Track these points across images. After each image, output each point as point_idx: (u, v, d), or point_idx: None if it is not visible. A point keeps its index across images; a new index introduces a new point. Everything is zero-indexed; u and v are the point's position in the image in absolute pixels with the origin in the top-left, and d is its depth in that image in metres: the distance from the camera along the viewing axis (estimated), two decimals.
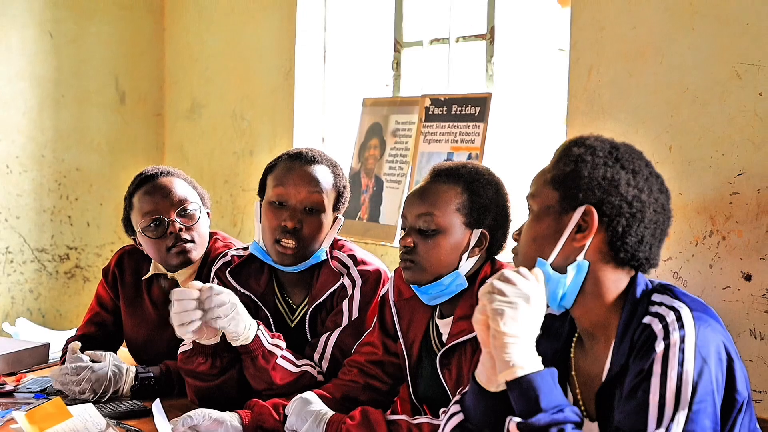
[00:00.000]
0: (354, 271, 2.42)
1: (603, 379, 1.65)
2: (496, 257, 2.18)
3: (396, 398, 2.35)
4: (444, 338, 2.15)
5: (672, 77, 2.55)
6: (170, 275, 2.66)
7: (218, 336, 2.27)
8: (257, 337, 2.28)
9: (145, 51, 4.65)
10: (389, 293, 2.28)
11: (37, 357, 2.79)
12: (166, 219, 2.57)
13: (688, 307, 1.57)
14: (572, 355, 1.75)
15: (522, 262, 1.71)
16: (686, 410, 1.50)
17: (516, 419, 1.56)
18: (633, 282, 1.66)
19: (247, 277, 2.48)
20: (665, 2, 2.57)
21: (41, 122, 4.35)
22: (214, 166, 4.39)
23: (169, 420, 2.11)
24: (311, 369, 2.35)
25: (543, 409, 1.54)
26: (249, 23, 4.19)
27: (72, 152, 4.45)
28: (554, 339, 1.77)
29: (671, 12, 2.55)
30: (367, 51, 3.92)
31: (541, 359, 1.60)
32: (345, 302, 2.39)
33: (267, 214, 2.39)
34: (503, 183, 2.17)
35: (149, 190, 2.60)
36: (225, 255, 2.53)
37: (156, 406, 2.12)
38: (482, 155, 3.10)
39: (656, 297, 1.62)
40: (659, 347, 1.54)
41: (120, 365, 2.47)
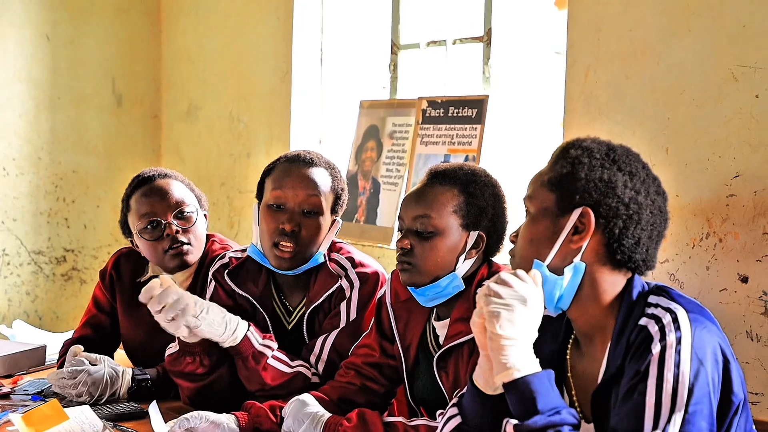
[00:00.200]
0: (352, 273, 2.42)
1: (599, 381, 1.65)
2: (493, 259, 2.18)
3: (393, 400, 2.35)
4: (441, 340, 2.15)
5: (669, 79, 2.56)
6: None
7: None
8: (246, 338, 2.29)
9: (142, 53, 4.65)
10: (386, 295, 2.28)
11: (34, 359, 2.79)
12: (163, 221, 2.57)
13: (685, 309, 1.57)
14: (568, 357, 1.75)
15: (519, 264, 1.71)
16: (682, 412, 1.50)
17: (513, 421, 1.56)
18: (629, 284, 1.67)
19: (245, 279, 2.48)
20: (662, 4, 2.58)
21: (38, 124, 4.35)
22: (211, 168, 4.39)
23: (166, 422, 2.10)
24: (305, 370, 2.35)
25: (540, 411, 1.54)
26: (246, 25, 4.19)
27: (69, 154, 4.44)
28: (551, 340, 1.77)
29: (668, 14, 2.56)
30: (364, 53, 3.93)
31: (539, 361, 1.60)
32: (343, 304, 2.39)
33: (265, 217, 2.39)
34: (500, 185, 2.17)
35: (146, 192, 2.60)
36: (223, 257, 2.53)
37: (153, 408, 2.12)
38: (479, 157, 3.11)
39: (652, 299, 1.62)
40: (655, 349, 1.54)
41: (116, 367, 2.47)
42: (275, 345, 2.34)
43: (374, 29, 3.86)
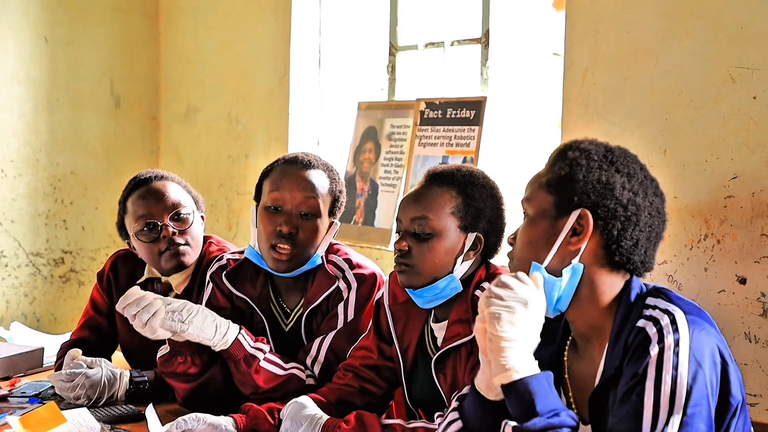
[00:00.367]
0: (349, 275, 2.42)
1: (596, 383, 1.65)
2: (491, 261, 2.18)
3: (391, 402, 2.35)
4: (439, 342, 2.15)
5: (666, 80, 2.55)
6: (164, 279, 2.66)
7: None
8: (237, 341, 2.29)
9: (140, 54, 4.65)
10: (384, 297, 2.28)
11: (32, 361, 2.78)
12: (160, 223, 2.56)
13: (683, 311, 1.57)
14: (566, 359, 1.75)
15: (517, 266, 1.71)
16: (681, 414, 1.50)
17: (512, 423, 1.56)
18: (628, 285, 1.66)
19: (243, 281, 2.47)
20: (660, 6, 2.58)
21: (36, 126, 4.34)
22: (209, 170, 4.39)
23: (163, 424, 2.10)
24: (299, 372, 2.34)
25: (539, 413, 1.54)
26: (244, 27, 4.19)
27: (67, 156, 4.44)
28: (549, 342, 1.77)
29: (666, 15, 2.56)
30: (362, 54, 3.93)
31: (538, 363, 1.60)
32: (340, 306, 2.39)
33: (263, 219, 2.38)
34: (498, 186, 2.17)
35: (143, 194, 2.60)
36: (220, 259, 2.53)
37: (150, 411, 2.12)
38: (477, 159, 3.11)
39: (650, 300, 1.62)
40: (653, 351, 1.54)
41: (113, 370, 2.47)
42: (268, 348, 2.33)
43: (372, 31, 3.86)
